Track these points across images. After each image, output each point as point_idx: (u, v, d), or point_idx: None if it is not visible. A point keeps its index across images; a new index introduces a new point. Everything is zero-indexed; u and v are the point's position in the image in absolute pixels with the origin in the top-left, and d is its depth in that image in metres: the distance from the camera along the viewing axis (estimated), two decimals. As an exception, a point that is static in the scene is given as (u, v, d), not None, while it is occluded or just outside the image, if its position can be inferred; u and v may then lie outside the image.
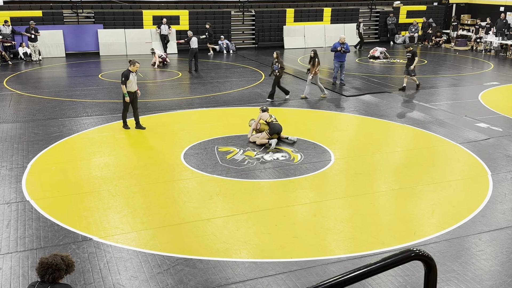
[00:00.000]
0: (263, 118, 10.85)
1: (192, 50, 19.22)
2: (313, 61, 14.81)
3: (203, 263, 6.23)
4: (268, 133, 10.59)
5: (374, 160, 9.91)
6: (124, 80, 11.41)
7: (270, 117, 10.86)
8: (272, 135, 10.61)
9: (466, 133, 11.62)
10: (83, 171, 9.22)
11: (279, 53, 14.75)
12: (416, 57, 16.09)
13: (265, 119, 10.82)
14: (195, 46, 19.22)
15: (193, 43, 19.20)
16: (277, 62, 14.45)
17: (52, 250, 6.38)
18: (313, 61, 14.78)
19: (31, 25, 21.01)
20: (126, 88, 11.44)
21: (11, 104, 14.07)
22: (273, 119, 10.85)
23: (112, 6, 24.17)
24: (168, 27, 23.58)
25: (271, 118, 10.84)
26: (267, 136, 10.58)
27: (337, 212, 7.68)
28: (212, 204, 7.87)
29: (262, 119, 10.86)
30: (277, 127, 10.69)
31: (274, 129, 10.63)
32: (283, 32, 26.44)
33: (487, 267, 6.24)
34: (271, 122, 10.73)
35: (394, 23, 27.73)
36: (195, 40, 19.25)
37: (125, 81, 11.41)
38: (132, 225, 7.20)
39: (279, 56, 14.58)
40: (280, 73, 14.52)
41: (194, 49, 19.21)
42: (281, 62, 14.55)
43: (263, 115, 10.92)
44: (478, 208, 7.82)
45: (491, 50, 24.67)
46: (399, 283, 5.83)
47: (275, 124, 10.71)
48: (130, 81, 11.47)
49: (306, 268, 6.14)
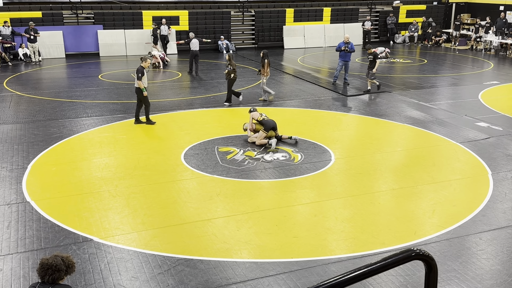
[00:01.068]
0: (254, 118, 10.93)
1: (193, 52, 19.07)
2: (262, 62, 14.30)
3: (204, 264, 6.23)
4: (264, 131, 10.62)
5: (374, 159, 9.91)
6: (141, 76, 11.88)
7: (261, 116, 10.94)
8: (269, 132, 10.65)
9: (466, 133, 11.62)
10: (84, 172, 9.22)
11: (231, 55, 14.24)
12: (378, 59, 15.61)
13: (256, 118, 10.90)
14: (195, 48, 18.96)
15: (193, 45, 18.99)
16: (229, 65, 13.96)
17: (53, 251, 6.39)
18: (263, 62, 14.27)
19: (30, 26, 21.01)
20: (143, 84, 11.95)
21: (11, 105, 14.07)
22: (264, 116, 10.92)
23: (111, 6, 24.17)
24: (167, 27, 23.57)
25: (262, 116, 10.91)
26: (264, 134, 10.59)
27: (337, 212, 7.68)
28: (213, 204, 7.87)
29: (254, 119, 10.92)
30: (271, 122, 10.75)
31: (268, 125, 10.66)
32: (283, 32, 26.45)
33: (487, 266, 6.24)
34: (263, 120, 10.79)
35: (394, 23, 27.75)
36: (195, 42, 18.99)
37: (141, 77, 11.88)
38: (133, 225, 7.20)
39: (231, 58, 14.04)
40: (234, 76, 14.04)
41: (194, 51, 19.01)
42: (233, 64, 14.01)
43: (253, 115, 10.99)
44: (479, 208, 7.82)
45: (491, 49, 24.67)
46: (399, 283, 5.83)
47: (268, 121, 10.77)
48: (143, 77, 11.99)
49: (306, 268, 6.14)
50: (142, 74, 11.89)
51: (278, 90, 16.23)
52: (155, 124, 12.17)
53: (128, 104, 14.00)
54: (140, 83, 11.87)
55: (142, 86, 11.89)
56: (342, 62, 16.60)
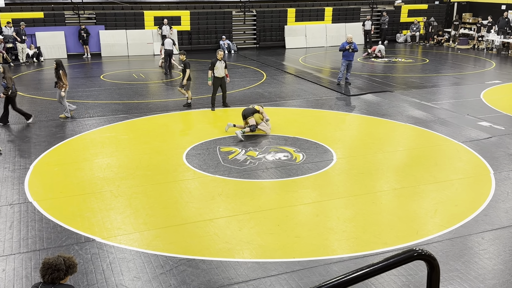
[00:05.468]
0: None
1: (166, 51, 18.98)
2: (56, 73, 12.39)
3: (206, 264, 6.24)
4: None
5: (376, 159, 9.91)
6: (211, 66, 13.16)
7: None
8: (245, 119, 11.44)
9: (468, 132, 11.60)
10: (86, 172, 9.24)
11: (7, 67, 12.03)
12: (188, 69, 13.52)
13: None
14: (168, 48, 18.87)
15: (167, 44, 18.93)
16: (4, 78, 11.64)
17: (55, 251, 6.40)
18: (57, 73, 12.37)
19: (21, 27, 21.01)
20: (214, 74, 13.20)
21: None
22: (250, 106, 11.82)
23: (113, 7, 24.20)
24: (169, 27, 23.58)
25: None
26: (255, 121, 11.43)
27: (339, 212, 7.68)
28: (215, 205, 7.87)
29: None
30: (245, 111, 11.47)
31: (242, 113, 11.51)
32: (284, 32, 26.44)
33: (490, 266, 6.23)
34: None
35: (386, 23, 27.34)
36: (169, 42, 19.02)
37: (212, 67, 13.13)
38: (135, 225, 7.21)
39: (6, 71, 11.73)
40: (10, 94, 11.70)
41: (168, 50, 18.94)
42: (9, 78, 11.63)
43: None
44: (481, 207, 7.81)
45: (493, 48, 24.63)
46: (402, 283, 5.83)
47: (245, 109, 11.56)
48: (216, 67, 13.16)
49: (308, 268, 6.14)
50: (213, 65, 13.12)
51: (279, 90, 16.24)
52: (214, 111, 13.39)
53: (130, 104, 14.01)
54: (209, 72, 13.23)
55: (210, 75, 13.18)
56: (346, 62, 16.57)
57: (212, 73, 13.35)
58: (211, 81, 13.44)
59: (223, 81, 13.50)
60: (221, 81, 13.44)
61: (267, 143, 10.88)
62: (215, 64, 13.25)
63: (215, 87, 13.46)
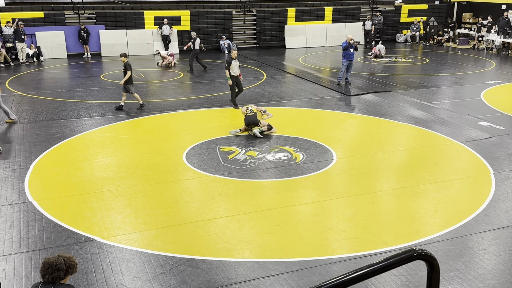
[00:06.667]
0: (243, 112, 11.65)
1: (195, 51, 19.20)
2: None
3: (206, 263, 6.24)
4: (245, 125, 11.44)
5: (376, 159, 9.91)
6: (227, 66, 13.23)
7: (246, 109, 11.59)
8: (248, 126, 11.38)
9: (468, 132, 11.60)
10: (86, 171, 9.24)
11: None
12: (129, 71, 13.20)
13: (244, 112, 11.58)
14: (197, 47, 19.19)
15: (197, 44, 19.18)
16: None
17: (55, 251, 6.41)
18: None
19: (20, 26, 20.99)
20: (230, 72, 13.26)
21: (14, 105, 14.09)
22: (248, 111, 11.49)
23: (113, 6, 24.20)
24: (169, 27, 23.59)
25: (247, 111, 11.53)
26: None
27: (339, 212, 7.68)
28: (215, 204, 7.88)
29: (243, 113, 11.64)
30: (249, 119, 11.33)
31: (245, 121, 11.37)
32: (285, 32, 26.44)
33: (490, 266, 6.23)
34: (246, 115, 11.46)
35: (381, 23, 27.20)
36: (198, 41, 19.23)
37: (228, 67, 13.17)
38: (135, 225, 7.21)
39: None
40: None
41: (197, 50, 19.19)
42: None
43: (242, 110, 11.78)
44: (481, 207, 7.81)
45: (493, 48, 24.62)
46: (401, 282, 5.83)
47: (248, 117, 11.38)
48: (232, 66, 13.25)
49: (308, 268, 6.14)
50: (229, 64, 13.14)
51: (280, 89, 16.25)
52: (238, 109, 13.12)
53: (130, 104, 14.01)
54: (227, 72, 13.26)
55: (228, 74, 13.21)
56: (346, 61, 16.55)
57: (229, 72, 13.44)
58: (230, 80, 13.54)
59: (238, 80, 13.68)
60: (237, 79, 13.61)
61: (267, 143, 10.88)
62: (230, 63, 13.34)
63: (231, 85, 13.59)
